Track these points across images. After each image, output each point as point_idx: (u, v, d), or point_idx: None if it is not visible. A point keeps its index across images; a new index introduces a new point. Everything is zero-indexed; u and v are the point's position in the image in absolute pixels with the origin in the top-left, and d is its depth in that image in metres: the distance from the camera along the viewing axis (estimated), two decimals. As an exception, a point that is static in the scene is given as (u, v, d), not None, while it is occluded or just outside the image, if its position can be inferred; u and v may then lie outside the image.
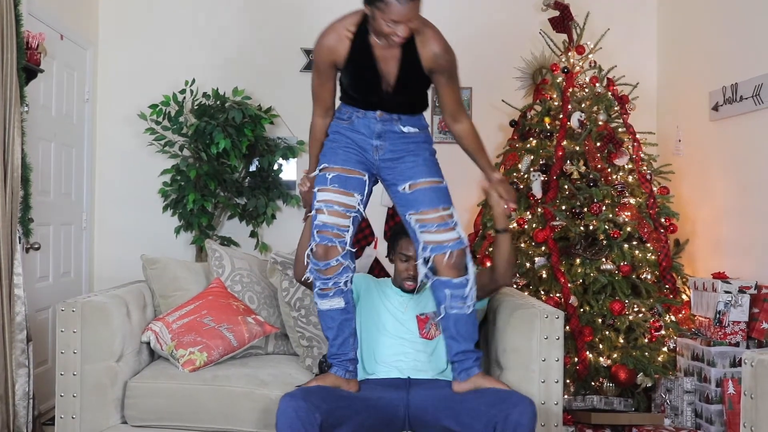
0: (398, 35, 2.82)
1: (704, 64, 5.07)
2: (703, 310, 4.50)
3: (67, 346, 3.25)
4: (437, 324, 3.29)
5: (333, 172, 3.07)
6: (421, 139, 3.16)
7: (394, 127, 3.10)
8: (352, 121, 3.12)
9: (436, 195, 3.10)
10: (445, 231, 3.06)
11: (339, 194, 3.06)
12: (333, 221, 3.04)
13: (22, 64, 3.93)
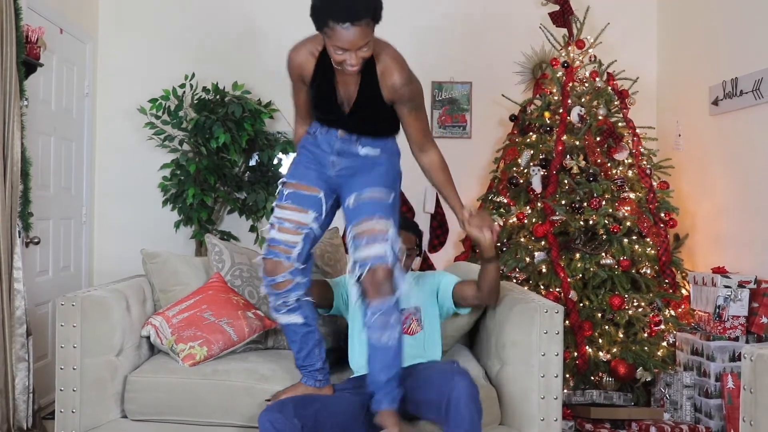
0: (349, 64, 2.74)
1: (704, 58, 5.07)
2: (702, 304, 4.50)
3: (66, 341, 3.24)
4: (419, 320, 3.32)
5: (290, 188, 3.04)
6: (380, 161, 3.05)
7: (352, 148, 3.01)
8: (315, 137, 3.05)
9: (375, 206, 2.97)
10: (372, 245, 2.90)
11: (292, 211, 3.02)
12: (282, 237, 3.00)
13: (21, 58, 3.93)
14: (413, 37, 5.74)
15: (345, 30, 2.68)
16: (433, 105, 5.75)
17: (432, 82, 5.75)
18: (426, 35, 5.74)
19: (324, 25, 2.72)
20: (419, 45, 5.75)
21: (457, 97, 5.75)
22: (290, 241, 3.01)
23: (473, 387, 2.85)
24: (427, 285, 3.42)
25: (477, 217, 3.12)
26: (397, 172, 3.14)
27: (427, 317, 3.35)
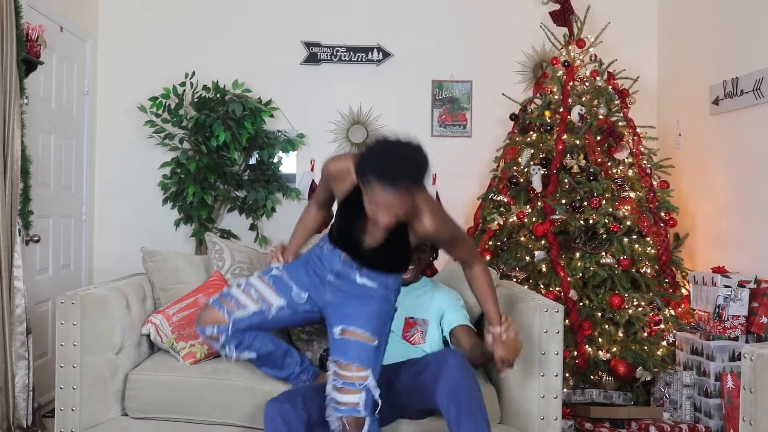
0: (381, 221, 2.64)
1: (705, 58, 5.06)
2: (702, 304, 4.50)
3: (66, 339, 3.25)
4: (423, 332, 3.35)
5: (280, 274, 3.06)
6: (375, 295, 2.95)
7: (350, 274, 2.95)
8: (322, 250, 3.02)
9: (359, 351, 2.86)
10: (347, 392, 2.82)
11: (267, 288, 3.02)
12: (238, 296, 3.01)
13: (21, 56, 3.93)
14: (414, 35, 5.75)
15: (384, 191, 2.55)
16: (434, 104, 5.75)
17: (432, 81, 5.75)
18: (427, 34, 5.74)
19: (365, 178, 2.57)
20: (420, 44, 5.75)
21: (458, 95, 5.75)
22: (243, 303, 3.00)
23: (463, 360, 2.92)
24: (436, 305, 3.45)
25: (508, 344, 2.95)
26: (390, 310, 2.99)
27: (431, 332, 3.41)
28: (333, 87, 5.72)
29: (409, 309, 3.38)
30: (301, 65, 5.71)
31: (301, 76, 5.72)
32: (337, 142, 5.72)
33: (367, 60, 5.72)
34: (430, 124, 5.76)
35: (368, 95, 5.73)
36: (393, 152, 2.58)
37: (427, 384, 2.93)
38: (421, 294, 3.45)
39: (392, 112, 5.75)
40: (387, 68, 5.75)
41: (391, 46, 5.73)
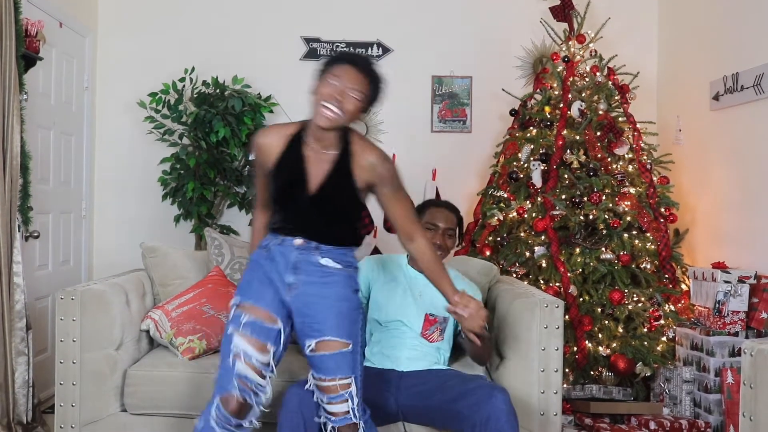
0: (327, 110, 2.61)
1: (705, 53, 5.06)
2: (702, 299, 4.50)
3: (66, 335, 3.25)
4: (442, 330, 3.30)
5: (247, 314, 2.71)
6: (341, 279, 2.78)
7: (311, 257, 2.74)
8: (269, 249, 2.78)
9: (337, 363, 2.72)
10: (337, 403, 2.73)
11: (254, 347, 2.69)
12: (252, 375, 2.69)
13: (21, 52, 3.92)
14: (414, 31, 5.74)
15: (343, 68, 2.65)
16: (434, 99, 5.75)
17: (432, 77, 5.74)
18: (426, 29, 5.74)
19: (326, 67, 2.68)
20: (419, 39, 5.74)
21: (458, 91, 5.74)
22: (260, 383, 2.72)
23: (511, 405, 2.86)
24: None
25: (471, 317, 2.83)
26: (359, 305, 2.83)
27: (448, 329, 3.36)
28: (333, 82, 5.70)
29: (430, 305, 3.31)
30: (300, 61, 5.71)
31: (301, 72, 5.69)
32: (336, 137, 5.71)
33: (367, 55, 5.72)
34: (430, 119, 5.75)
35: (368, 91, 5.71)
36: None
37: (463, 415, 2.91)
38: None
39: (392, 107, 5.71)
40: (386, 64, 5.73)
41: (391, 42, 5.72)
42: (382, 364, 3.24)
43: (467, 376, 3.16)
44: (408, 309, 3.29)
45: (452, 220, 3.46)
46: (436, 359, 3.27)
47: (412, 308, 3.30)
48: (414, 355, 3.24)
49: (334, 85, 2.63)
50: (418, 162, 5.70)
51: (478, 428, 2.83)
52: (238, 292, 2.79)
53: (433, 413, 3.06)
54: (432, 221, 3.40)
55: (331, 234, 2.77)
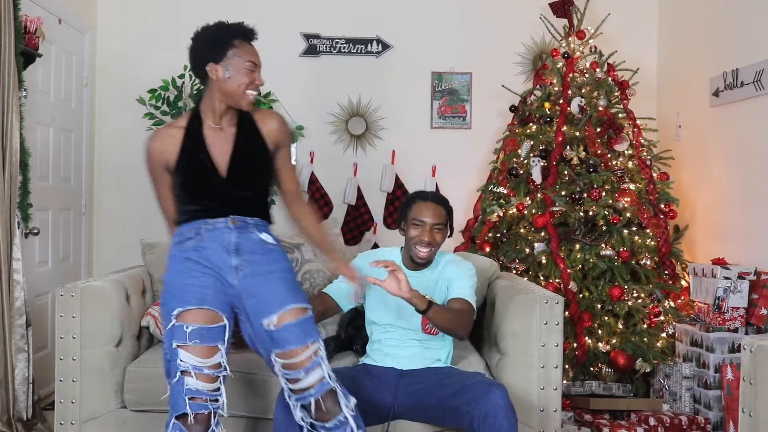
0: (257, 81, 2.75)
1: (705, 49, 5.05)
2: (702, 295, 4.50)
3: (66, 331, 3.25)
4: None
5: (191, 325, 2.63)
6: (280, 254, 2.83)
7: (251, 235, 2.76)
8: (201, 237, 2.73)
9: (303, 330, 2.69)
10: (312, 372, 2.67)
11: (203, 356, 2.62)
12: (204, 387, 2.63)
13: (20, 49, 3.92)
14: (414, 27, 5.74)
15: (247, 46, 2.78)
16: (433, 96, 5.74)
17: (432, 73, 5.74)
18: (426, 25, 5.73)
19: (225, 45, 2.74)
20: (419, 35, 5.74)
21: (457, 87, 5.74)
22: (213, 389, 2.66)
23: (509, 400, 2.85)
24: (446, 280, 3.28)
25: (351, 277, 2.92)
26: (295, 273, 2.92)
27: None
28: (332, 79, 5.71)
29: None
30: (300, 57, 5.71)
31: (301, 68, 5.71)
32: (336, 134, 5.72)
33: (367, 52, 5.71)
34: (430, 115, 5.75)
35: (367, 87, 5.72)
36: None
37: (461, 411, 2.91)
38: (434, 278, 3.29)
39: (392, 103, 5.74)
40: (386, 60, 5.74)
41: (391, 38, 5.72)
42: (382, 362, 3.23)
43: (465, 373, 3.16)
44: (405, 308, 3.24)
45: (440, 213, 3.21)
46: (437, 356, 3.26)
47: (409, 306, 3.27)
48: (415, 353, 3.23)
49: (251, 72, 2.74)
50: (418, 158, 5.71)
51: (477, 423, 2.82)
52: (173, 300, 2.69)
53: (432, 411, 3.06)
54: (418, 217, 3.18)
55: (258, 208, 2.85)
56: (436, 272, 3.30)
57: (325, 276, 3.77)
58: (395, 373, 3.17)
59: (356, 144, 5.73)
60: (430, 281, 3.28)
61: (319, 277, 3.82)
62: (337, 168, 5.71)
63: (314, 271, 3.84)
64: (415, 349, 3.23)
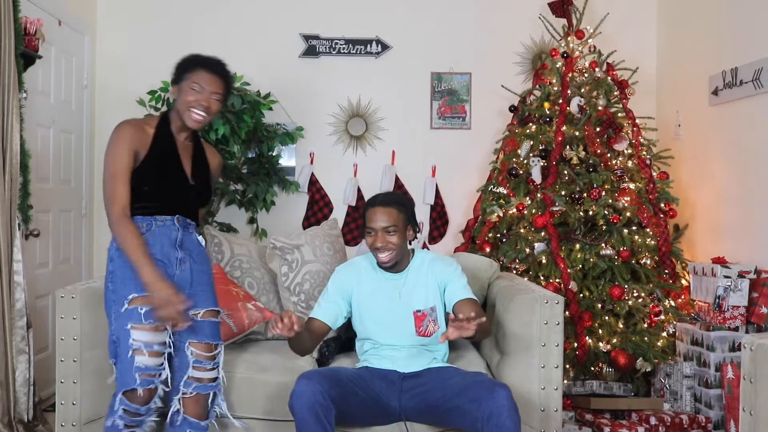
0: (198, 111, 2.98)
1: (704, 48, 5.05)
2: (702, 294, 4.50)
3: (67, 333, 3.25)
4: (434, 320, 3.25)
5: (145, 307, 2.83)
6: (207, 257, 3.20)
7: (191, 236, 3.09)
8: (152, 233, 2.95)
9: (216, 330, 3.07)
10: (209, 369, 3.01)
11: (155, 332, 2.85)
12: (153, 362, 2.85)
13: (20, 50, 3.92)
14: (413, 27, 5.74)
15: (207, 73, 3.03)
16: (433, 96, 5.74)
17: (431, 73, 5.74)
18: (426, 26, 5.74)
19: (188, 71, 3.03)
20: (419, 36, 5.74)
21: (457, 87, 5.74)
22: (159, 364, 2.88)
23: (513, 400, 2.85)
24: (435, 279, 3.29)
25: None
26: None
27: (441, 315, 3.29)
28: (332, 79, 5.71)
29: (413, 300, 3.25)
30: (299, 58, 5.71)
31: (300, 69, 5.71)
32: (336, 134, 5.72)
33: (366, 52, 5.72)
34: (430, 116, 5.75)
35: (367, 87, 5.72)
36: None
37: (464, 410, 2.92)
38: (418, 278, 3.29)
39: (391, 104, 5.75)
40: (386, 60, 5.74)
41: (390, 39, 5.72)
42: (381, 365, 3.23)
43: (468, 373, 3.16)
44: (394, 316, 3.25)
45: (390, 215, 3.17)
46: (434, 356, 3.26)
47: (398, 313, 3.25)
48: (412, 353, 3.23)
49: (196, 92, 2.99)
50: (418, 159, 5.71)
51: (480, 424, 2.82)
52: (126, 287, 2.87)
53: (436, 411, 3.06)
54: (369, 225, 3.19)
55: (196, 215, 3.16)
56: (421, 272, 3.30)
57: (325, 277, 3.77)
58: (397, 375, 3.17)
59: (356, 145, 5.74)
60: (415, 282, 3.29)
61: (320, 278, 3.82)
62: (337, 169, 5.71)
63: (314, 272, 3.84)
64: (412, 351, 3.23)
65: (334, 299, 3.31)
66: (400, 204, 3.24)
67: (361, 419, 3.11)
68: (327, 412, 2.82)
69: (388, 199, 3.25)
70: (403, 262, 3.30)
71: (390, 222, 3.17)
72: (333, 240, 4.05)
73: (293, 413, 2.85)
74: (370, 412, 3.09)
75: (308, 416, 2.81)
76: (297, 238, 3.90)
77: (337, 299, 3.31)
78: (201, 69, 3.03)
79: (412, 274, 3.30)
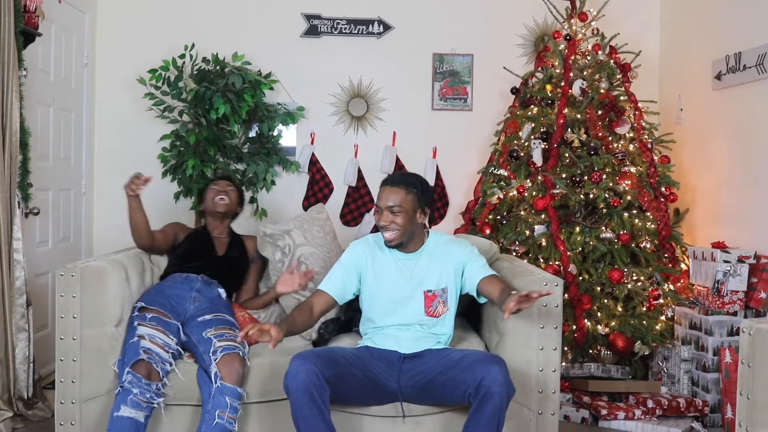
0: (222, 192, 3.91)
1: (707, 32, 5.03)
2: (701, 279, 4.51)
3: (66, 311, 3.25)
4: (444, 301, 3.26)
5: (151, 313, 3.36)
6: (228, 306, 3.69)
7: (213, 289, 3.65)
8: (174, 278, 3.62)
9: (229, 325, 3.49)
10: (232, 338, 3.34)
11: (159, 331, 3.30)
12: (157, 350, 3.23)
13: (19, 28, 3.90)
14: (415, 8, 5.71)
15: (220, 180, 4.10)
16: (434, 77, 5.72)
17: (433, 54, 5.72)
18: (428, 6, 5.71)
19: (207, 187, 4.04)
20: (421, 16, 5.71)
21: (459, 69, 5.72)
22: (164, 357, 3.26)
23: (508, 375, 2.87)
24: (452, 261, 3.29)
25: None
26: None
27: (451, 296, 3.29)
28: (333, 59, 5.69)
29: (425, 281, 3.26)
30: (301, 37, 5.68)
31: (302, 49, 5.68)
32: (337, 115, 5.70)
33: (368, 32, 5.69)
34: (431, 97, 5.73)
35: (369, 68, 5.70)
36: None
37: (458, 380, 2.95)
38: (432, 260, 3.30)
39: (393, 85, 5.73)
40: (388, 41, 5.71)
41: (392, 19, 5.69)
42: (383, 345, 3.23)
43: (467, 350, 3.18)
44: (406, 295, 3.26)
45: (397, 195, 3.19)
46: (438, 339, 3.26)
47: (409, 292, 3.26)
48: (417, 335, 3.23)
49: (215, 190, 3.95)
50: (419, 140, 5.70)
51: (470, 392, 2.87)
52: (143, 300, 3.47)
53: (431, 387, 3.08)
54: (377, 203, 3.25)
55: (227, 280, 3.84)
56: (435, 254, 3.30)
57: (319, 258, 3.77)
58: (397, 356, 3.18)
59: (357, 125, 5.72)
60: (428, 263, 3.29)
61: (313, 259, 3.79)
62: (337, 149, 5.70)
63: (308, 254, 3.79)
64: (417, 332, 3.24)
65: (347, 273, 3.31)
66: (411, 185, 3.24)
67: (358, 399, 3.13)
68: (322, 392, 2.83)
69: (397, 179, 3.26)
70: (415, 243, 3.30)
71: (396, 202, 3.18)
72: (322, 223, 4.01)
73: (288, 393, 2.86)
74: (367, 392, 3.10)
75: (303, 396, 2.82)
76: (285, 224, 3.88)
77: (350, 273, 3.31)
78: (211, 183, 4.02)
79: (426, 255, 3.30)
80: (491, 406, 2.81)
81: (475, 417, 2.84)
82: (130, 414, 3.05)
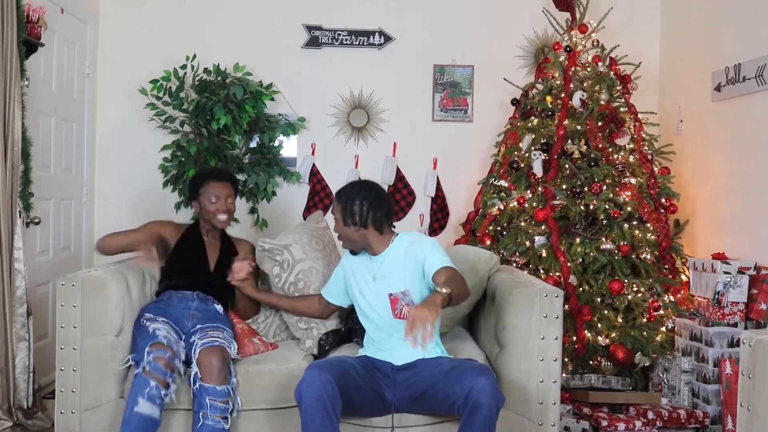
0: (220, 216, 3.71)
1: (707, 44, 5.05)
2: (702, 290, 4.51)
3: (67, 321, 3.25)
4: (408, 303, 3.22)
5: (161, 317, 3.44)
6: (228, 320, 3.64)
7: (210, 306, 3.62)
8: (170, 299, 3.59)
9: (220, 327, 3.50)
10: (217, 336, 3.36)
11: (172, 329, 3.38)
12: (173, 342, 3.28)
13: (22, 38, 3.92)
14: (416, 19, 5.73)
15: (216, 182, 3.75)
16: (435, 88, 5.74)
17: (434, 65, 5.73)
18: (428, 18, 5.73)
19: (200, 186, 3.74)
20: (421, 28, 5.73)
21: (459, 80, 5.74)
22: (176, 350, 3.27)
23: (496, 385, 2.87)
24: (412, 262, 3.24)
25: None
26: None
27: (417, 298, 3.23)
28: (334, 70, 5.70)
29: (388, 284, 3.26)
30: (302, 48, 5.70)
31: (303, 60, 5.70)
32: (338, 125, 5.72)
33: (369, 44, 5.71)
34: (431, 108, 5.75)
35: (369, 79, 5.72)
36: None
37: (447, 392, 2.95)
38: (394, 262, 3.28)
39: (393, 96, 5.74)
40: (388, 52, 5.73)
41: (393, 30, 5.71)
42: (376, 355, 3.25)
43: (458, 359, 3.19)
44: (374, 299, 3.29)
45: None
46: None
47: (375, 294, 3.30)
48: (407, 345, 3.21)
49: (215, 203, 3.71)
50: (419, 151, 5.71)
51: (459, 403, 2.86)
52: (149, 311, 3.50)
53: (423, 398, 3.08)
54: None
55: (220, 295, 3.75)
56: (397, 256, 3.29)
57: (320, 273, 3.75)
58: (391, 367, 3.19)
59: (357, 136, 5.73)
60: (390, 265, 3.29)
61: (312, 275, 3.76)
62: (338, 160, 5.71)
63: (307, 270, 3.76)
64: (399, 344, 3.21)
65: (337, 277, 3.53)
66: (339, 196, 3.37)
67: (361, 410, 3.13)
68: (335, 402, 2.85)
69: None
70: (379, 246, 3.32)
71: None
72: (321, 233, 3.96)
73: (299, 402, 2.86)
74: (371, 403, 3.11)
75: (316, 405, 2.82)
76: (284, 237, 3.79)
77: (339, 282, 3.51)
78: (210, 181, 3.72)
79: (389, 258, 3.30)
80: (480, 417, 2.81)
81: (466, 428, 2.84)
82: (150, 412, 3.08)
